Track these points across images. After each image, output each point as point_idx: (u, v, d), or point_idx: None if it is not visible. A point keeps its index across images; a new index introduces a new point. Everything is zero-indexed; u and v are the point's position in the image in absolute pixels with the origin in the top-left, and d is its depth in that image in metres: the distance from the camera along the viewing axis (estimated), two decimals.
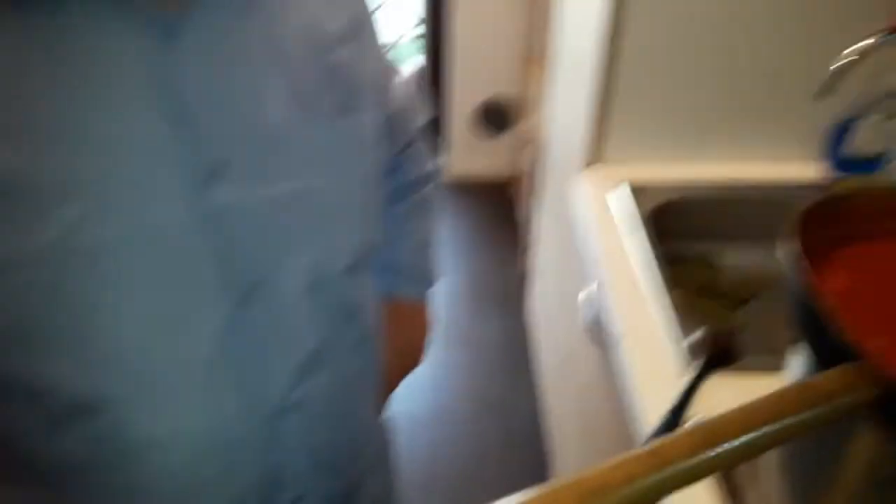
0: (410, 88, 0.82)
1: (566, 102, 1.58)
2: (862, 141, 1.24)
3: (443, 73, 2.99)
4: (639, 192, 1.25)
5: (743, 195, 1.27)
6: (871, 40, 0.98)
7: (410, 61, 3.11)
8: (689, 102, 1.28)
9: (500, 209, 3.01)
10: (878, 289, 0.63)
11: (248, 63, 0.55)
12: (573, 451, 1.57)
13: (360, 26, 0.67)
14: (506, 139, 3.11)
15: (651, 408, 0.84)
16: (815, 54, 1.05)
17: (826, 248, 0.67)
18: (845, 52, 0.98)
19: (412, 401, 2.14)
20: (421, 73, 3.03)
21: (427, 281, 0.95)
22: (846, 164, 1.27)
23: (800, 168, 1.32)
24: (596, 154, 1.33)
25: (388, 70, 0.76)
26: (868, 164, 1.26)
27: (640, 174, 1.29)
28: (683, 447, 0.40)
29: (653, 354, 0.93)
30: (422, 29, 2.96)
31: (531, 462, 1.97)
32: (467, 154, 3.16)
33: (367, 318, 0.69)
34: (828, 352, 0.51)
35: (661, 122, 1.31)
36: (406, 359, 0.94)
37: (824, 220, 0.68)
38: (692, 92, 1.27)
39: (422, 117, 0.89)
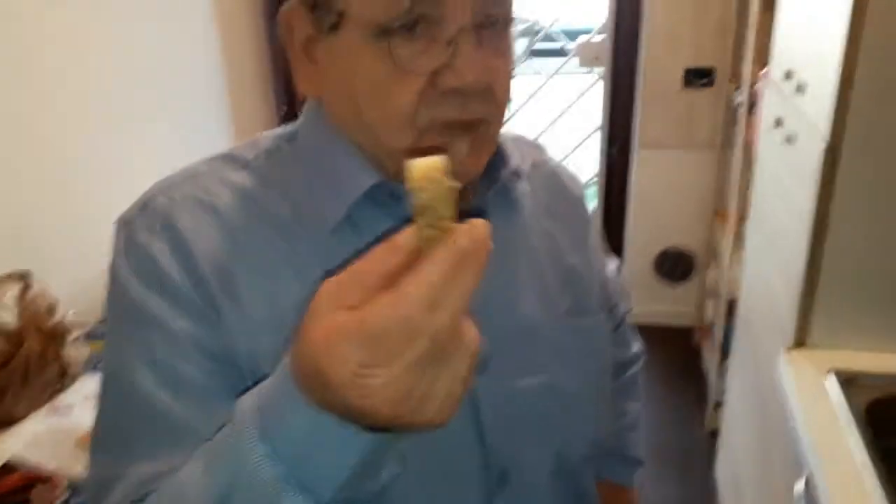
0: (615, 276, 0.86)
1: (761, 268, 1.53)
2: None
3: (622, 220, 3.02)
4: (851, 382, 1.15)
5: None
6: None
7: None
8: None
9: (684, 359, 2.89)
10: None
11: (508, 265, 0.63)
12: None
13: (586, 234, 0.73)
14: (689, 288, 3.03)
15: None
16: None
17: None
18: None
19: None
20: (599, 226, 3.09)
21: (634, 464, 0.95)
22: None
23: None
24: (800, 336, 1.26)
25: (605, 268, 0.81)
26: None
27: (852, 362, 1.20)
28: None
29: None
30: (600, 177, 3.05)
31: None
32: (648, 300, 3.10)
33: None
34: None
35: (876, 306, 1.22)
36: None
37: None
38: None
39: (626, 303, 0.91)
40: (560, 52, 3.45)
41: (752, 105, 1.97)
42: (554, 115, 3.32)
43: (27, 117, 1.56)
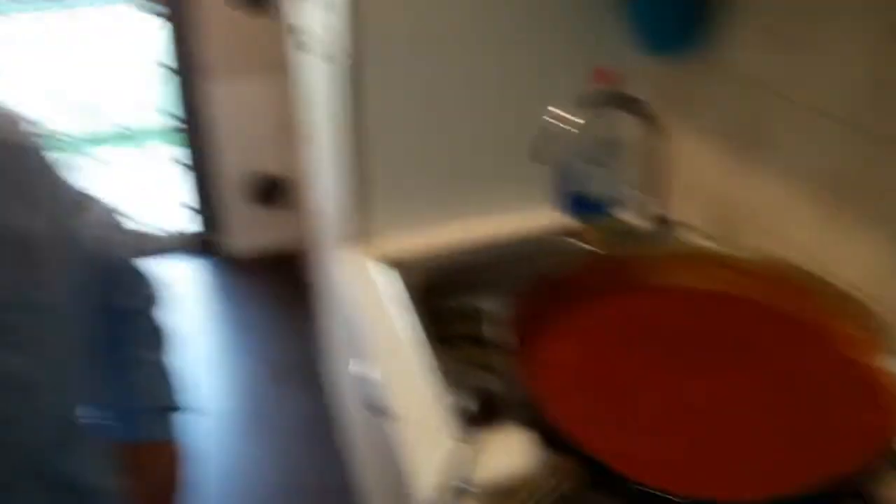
0: (107, 219, 0.79)
1: (326, 178, 1.60)
2: (591, 185, 1.39)
3: (205, 154, 2.91)
4: (400, 263, 1.29)
5: (497, 249, 1.35)
6: (572, 108, 1.10)
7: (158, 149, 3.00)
8: (436, 172, 1.36)
9: (292, 284, 2.97)
10: (598, 356, 0.69)
11: None
12: None
13: (42, 190, 0.64)
14: (288, 213, 3.09)
15: (426, 473, 0.86)
16: (536, 114, 1.16)
17: (548, 321, 0.74)
18: (545, 117, 1.10)
19: (224, 498, 2.01)
20: (176, 162, 2.94)
21: (163, 415, 0.91)
22: (579, 207, 1.41)
23: (550, 215, 1.44)
24: (356, 230, 1.36)
25: (86, 217, 0.73)
26: (598, 206, 1.41)
27: (400, 245, 1.34)
28: None
29: (424, 422, 0.94)
30: (173, 112, 2.88)
31: None
32: (248, 230, 3.09)
33: (91, 482, 0.65)
34: (546, 438, 0.56)
35: (415, 195, 1.37)
36: (160, 500, 0.89)
37: (541, 299, 0.75)
38: (437, 162, 1.35)
39: (126, 246, 0.86)
40: None
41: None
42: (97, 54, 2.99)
43: None
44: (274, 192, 3.04)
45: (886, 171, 0.89)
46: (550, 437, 0.55)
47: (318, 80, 1.51)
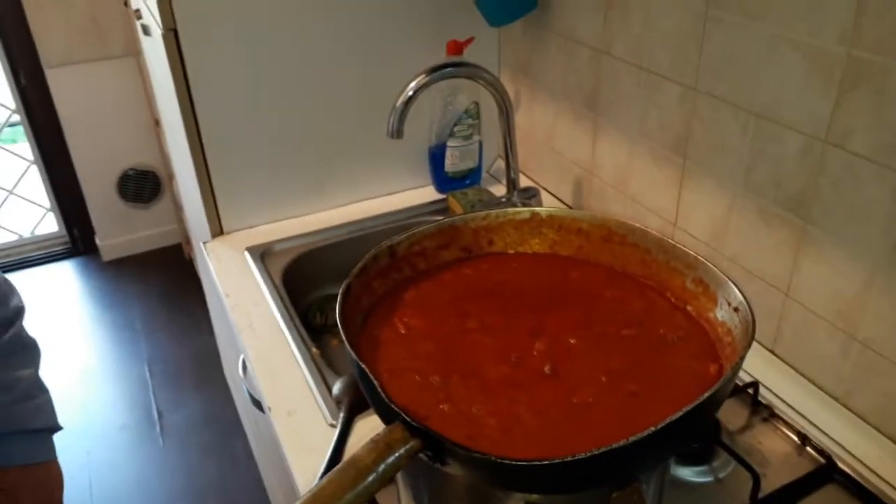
0: None
1: (183, 168, 1.52)
2: (457, 159, 1.38)
3: (59, 150, 2.71)
4: (267, 255, 1.24)
5: (364, 233, 1.32)
6: (421, 77, 1.07)
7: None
8: (293, 157, 1.30)
9: (181, 276, 2.83)
10: (437, 326, 0.68)
11: None
12: None
13: None
14: (164, 205, 2.94)
15: (306, 463, 0.84)
16: (393, 91, 1.12)
17: (387, 296, 0.72)
18: (401, 91, 1.07)
19: None
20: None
21: (40, 435, 0.85)
22: (447, 183, 1.40)
23: (419, 193, 1.42)
24: (215, 226, 1.30)
25: None
26: (464, 178, 1.40)
27: (266, 237, 1.28)
28: None
29: (303, 413, 0.92)
30: (20, 113, 2.66)
31: None
32: (120, 228, 2.92)
33: None
34: (384, 411, 0.54)
35: (277, 181, 1.31)
36: None
37: (379, 275, 0.72)
38: (293, 146, 1.30)
39: None
40: None
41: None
42: None
43: None
44: (144, 185, 2.88)
45: (721, 130, 0.92)
46: (384, 411, 0.54)
47: (155, 62, 1.42)
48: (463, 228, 0.76)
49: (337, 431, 0.85)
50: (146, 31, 1.35)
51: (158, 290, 2.79)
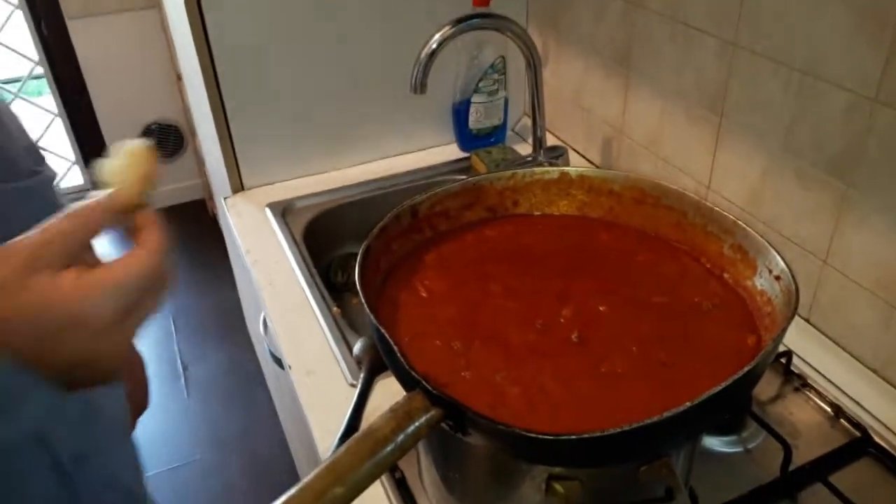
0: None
1: (203, 126, 1.49)
2: (482, 116, 1.34)
3: (82, 102, 2.70)
4: (288, 212, 1.22)
5: (387, 191, 1.29)
6: (446, 29, 1.03)
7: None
8: (316, 112, 1.27)
9: (203, 230, 2.84)
10: (459, 289, 0.66)
11: None
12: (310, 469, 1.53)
13: None
14: (186, 160, 2.93)
15: (326, 423, 0.84)
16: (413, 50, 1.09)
17: (408, 258, 0.70)
18: (425, 44, 1.03)
19: (150, 459, 1.95)
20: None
21: None
22: (471, 140, 1.36)
23: (442, 151, 1.39)
24: (235, 183, 1.28)
25: None
26: (489, 136, 1.36)
27: (287, 194, 1.26)
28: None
29: (323, 372, 0.91)
30: (42, 64, 2.64)
31: (284, 486, 1.90)
32: None
33: None
34: (404, 378, 0.52)
35: (299, 138, 1.28)
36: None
37: (400, 236, 0.70)
38: (312, 109, 1.26)
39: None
40: None
41: None
42: None
43: None
44: (167, 140, 2.87)
45: (760, 87, 0.87)
46: (404, 378, 0.52)
47: (175, 14, 1.39)
48: (488, 188, 0.73)
49: (357, 392, 0.84)
50: None
51: (182, 245, 2.80)
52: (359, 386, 0.84)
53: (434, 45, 1.02)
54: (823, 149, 0.82)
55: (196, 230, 2.86)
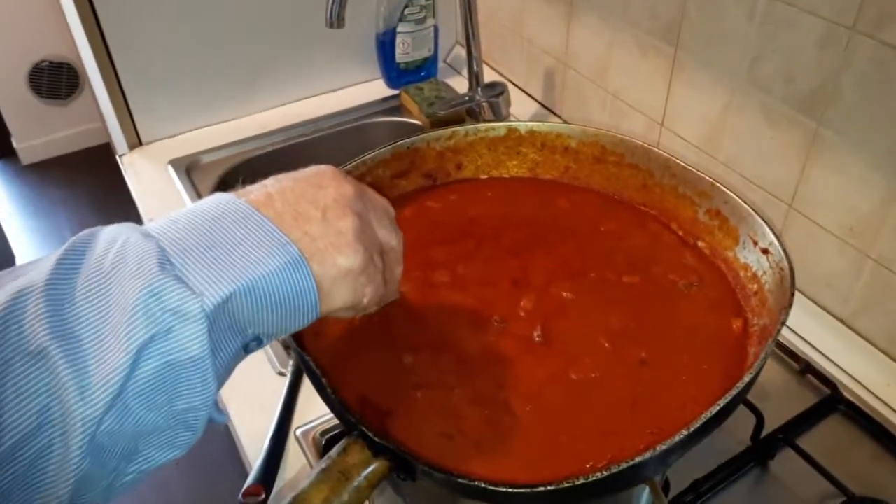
0: None
1: (92, 72, 1.30)
2: (410, 48, 1.20)
3: None
4: (194, 169, 1.08)
5: (312, 134, 1.16)
6: None
7: None
8: (216, 57, 1.11)
9: (113, 180, 2.61)
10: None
11: None
12: None
13: None
14: (84, 102, 2.66)
15: (252, 426, 0.74)
16: None
17: None
18: None
19: None
20: None
21: None
22: (400, 76, 1.23)
23: (366, 89, 1.25)
24: (134, 136, 1.12)
25: None
26: (419, 70, 1.23)
27: (192, 147, 1.11)
28: None
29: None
30: None
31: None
32: (39, 128, 2.65)
33: None
34: (338, 416, 0.43)
35: (195, 88, 1.12)
36: None
37: None
38: (215, 47, 1.10)
39: None
40: None
41: None
42: None
43: None
44: (60, 79, 2.59)
45: (722, 14, 0.78)
46: (338, 416, 0.43)
47: None
48: (425, 151, 0.62)
49: (286, 384, 0.74)
50: None
51: (87, 194, 2.58)
52: (289, 376, 0.75)
53: None
54: (794, 83, 0.73)
55: (103, 177, 2.62)
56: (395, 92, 1.22)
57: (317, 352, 0.43)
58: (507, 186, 0.63)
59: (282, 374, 0.78)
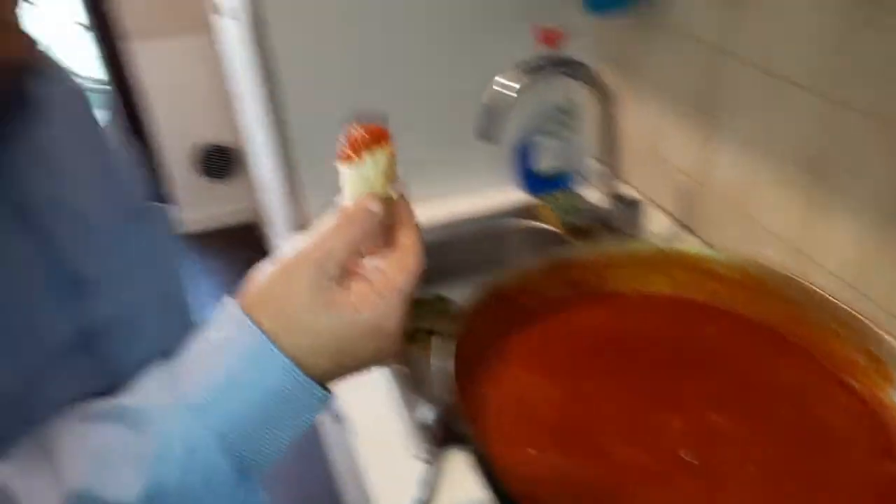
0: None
1: (260, 149, 1.46)
2: (547, 159, 1.28)
3: (140, 121, 2.72)
4: None
5: (450, 233, 1.23)
6: (520, 76, 0.97)
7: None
8: None
9: (254, 257, 2.82)
10: (551, 379, 0.59)
11: None
12: None
13: None
14: (240, 182, 2.93)
15: (383, 483, 0.79)
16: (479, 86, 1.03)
17: (496, 338, 0.63)
18: (497, 90, 0.97)
19: None
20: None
21: None
22: (536, 184, 1.30)
23: (505, 195, 1.32)
24: (299, 219, 1.24)
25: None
26: (555, 180, 1.30)
27: None
28: None
29: (380, 431, 0.85)
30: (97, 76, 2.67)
31: None
32: (197, 203, 2.93)
33: None
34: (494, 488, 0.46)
35: None
36: None
37: (488, 315, 0.64)
38: None
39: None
40: None
41: None
42: None
43: None
44: (220, 161, 2.87)
45: (865, 146, 0.79)
46: (497, 488, 0.46)
47: (232, 43, 1.36)
48: (575, 261, 0.67)
49: (426, 473, 0.77)
50: (217, 8, 1.29)
51: (233, 266, 2.79)
52: (426, 457, 0.78)
53: (512, 95, 0.96)
54: None
55: (246, 255, 2.84)
56: (523, 198, 1.28)
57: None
58: (651, 303, 0.66)
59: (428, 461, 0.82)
